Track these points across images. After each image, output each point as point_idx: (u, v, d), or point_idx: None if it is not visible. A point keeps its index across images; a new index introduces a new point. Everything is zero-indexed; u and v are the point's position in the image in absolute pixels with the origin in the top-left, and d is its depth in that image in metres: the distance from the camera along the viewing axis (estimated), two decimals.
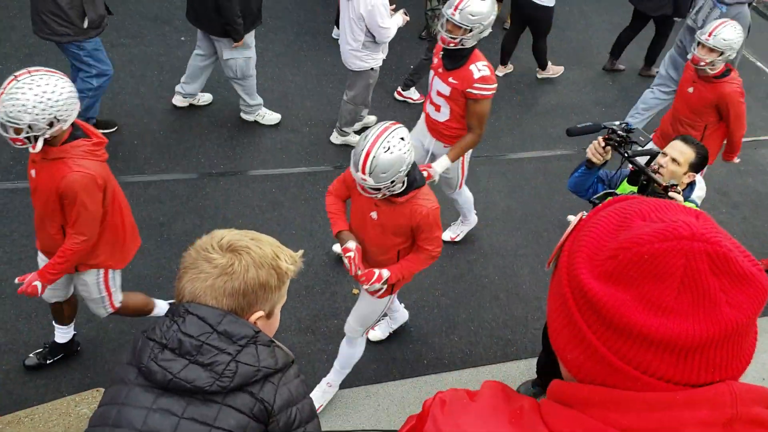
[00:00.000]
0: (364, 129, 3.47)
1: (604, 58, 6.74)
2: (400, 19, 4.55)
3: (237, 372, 1.33)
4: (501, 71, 6.22)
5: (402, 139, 2.66)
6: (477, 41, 3.59)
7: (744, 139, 4.44)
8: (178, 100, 5.16)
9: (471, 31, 3.51)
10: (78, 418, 1.73)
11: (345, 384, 3.63)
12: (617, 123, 2.88)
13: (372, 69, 4.66)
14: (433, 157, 3.99)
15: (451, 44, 3.54)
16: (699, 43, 3.94)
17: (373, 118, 5.28)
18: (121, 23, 5.87)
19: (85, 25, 4.17)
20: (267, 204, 4.55)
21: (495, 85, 3.63)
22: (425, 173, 3.55)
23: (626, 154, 2.84)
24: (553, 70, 6.39)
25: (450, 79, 3.63)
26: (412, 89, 5.70)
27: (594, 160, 2.92)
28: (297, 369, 1.48)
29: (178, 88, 5.11)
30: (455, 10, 3.49)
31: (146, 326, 1.42)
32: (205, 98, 5.27)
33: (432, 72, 3.80)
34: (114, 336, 3.58)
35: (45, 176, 2.66)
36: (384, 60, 4.76)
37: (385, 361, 3.78)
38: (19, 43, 5.46)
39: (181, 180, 4.61)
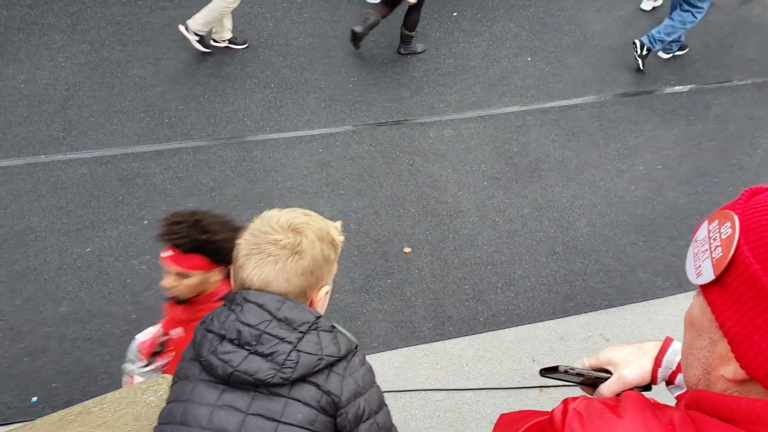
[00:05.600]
0: None
1: None
2: None
3: (299, 362, 1.27)
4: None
5: None
6: None
7: None
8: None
9: None
10: (146, 406, 1.73)
11: (401, 343, 3.62)
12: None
13: None
14: None
15: None
16: None
17: None
18: None
19: None
20: (315, 165, 4.50)
21: None
22: None
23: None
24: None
25: None
26: None
27: None
28: (362, 356, 1.42)
29: None
30: None
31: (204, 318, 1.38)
32: None
33: None
34: None
35: None
36: None
37: (441, 320, 3.74)
38: (62, 12, 5.46)
39: (228, 144, 4.59)
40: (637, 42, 5.43)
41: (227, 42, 5.27)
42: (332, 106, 4.96)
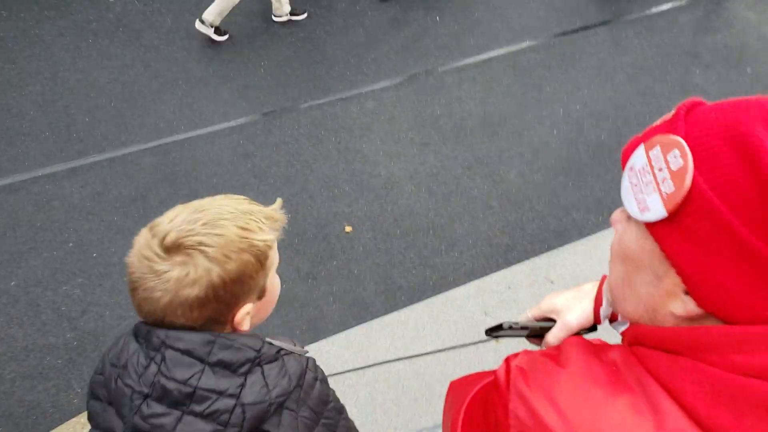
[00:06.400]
0: None
1: None
2: None
3: (246, 416, 1.05)
4: None
5: None
6: None
7: None
8: None
9: None
10: None
11: (356, 321, 3.60)
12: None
13: None
14: None
15: None
16: None
17: None
18: None
19: None
20: (238, 157, 4.37)
21: None
22: None
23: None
24: None
25: None
26: None
27: None
28: (315, 370, 1.20)
29: None
30: None
31: (111, 347, 1.11)
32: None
33: None
34: (113, 323, 3.49)
35: None
36: None
37: (392, 291, 3.74)
38: None
39: (144, 150, 4.39)
40: None
41: (288, 15, 5.41)
42: (247, 94, 4.81)
